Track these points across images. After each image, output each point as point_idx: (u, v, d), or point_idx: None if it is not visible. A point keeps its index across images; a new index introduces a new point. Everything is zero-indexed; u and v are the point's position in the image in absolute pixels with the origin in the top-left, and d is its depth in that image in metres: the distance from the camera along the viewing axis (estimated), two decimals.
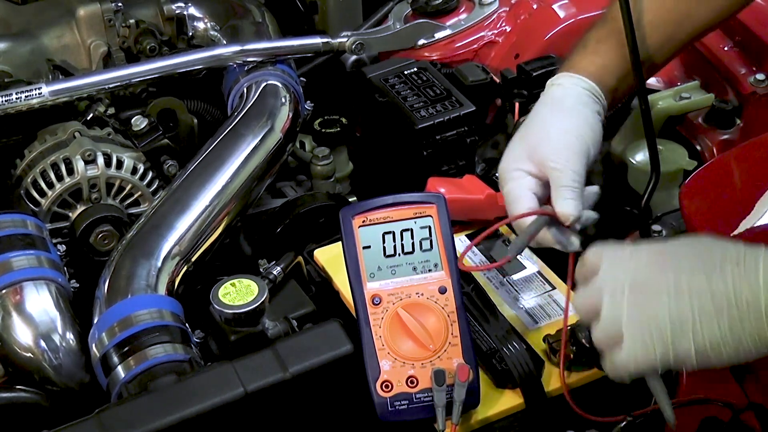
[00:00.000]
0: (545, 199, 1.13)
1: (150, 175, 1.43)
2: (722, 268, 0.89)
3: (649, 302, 0.91)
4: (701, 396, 1.06)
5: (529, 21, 1.66)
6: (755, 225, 1.07)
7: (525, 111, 1.50)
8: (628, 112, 1.45)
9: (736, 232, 1.08)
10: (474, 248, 1.27)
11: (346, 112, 1.64)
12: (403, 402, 1.04)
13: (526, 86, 1.52)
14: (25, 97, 1.43)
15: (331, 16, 1.77)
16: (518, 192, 1.13)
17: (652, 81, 1.53)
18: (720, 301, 0.88)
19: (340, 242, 1.10)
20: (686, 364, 0.91)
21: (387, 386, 1.04)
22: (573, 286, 1.04)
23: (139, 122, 1.47)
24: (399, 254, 1.10)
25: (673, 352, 0.90)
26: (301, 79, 1.58)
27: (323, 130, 1.60)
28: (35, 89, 1.43)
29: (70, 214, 1.40)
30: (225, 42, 1.61)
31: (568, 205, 1.09)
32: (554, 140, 1.13)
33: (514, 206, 1.12)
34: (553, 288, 1.21)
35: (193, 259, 1.27)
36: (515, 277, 1.23)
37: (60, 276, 1.23)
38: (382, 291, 1.08)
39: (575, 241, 1.09)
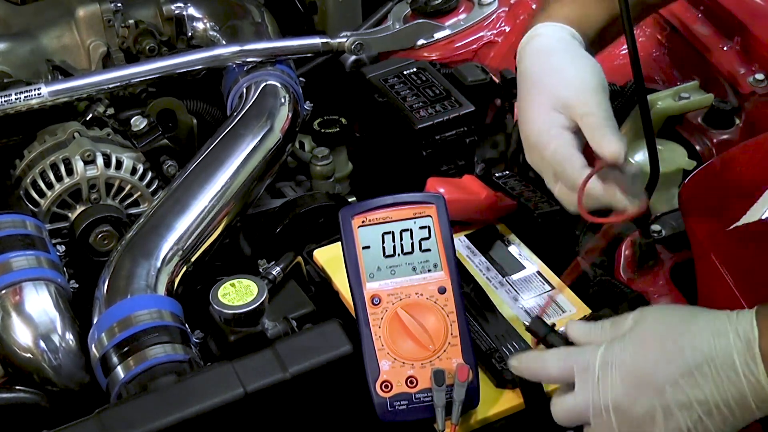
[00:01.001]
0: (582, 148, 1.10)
1: (149, 175, 1.43)
2: (700, 372, 0.90)
3: (642, 428, 0.93)
4: None
5: (529, 21, 1.66)
6: (763, 217, 1.08)
7: None
8: (627, 112, 1.45)
9: (739, 223, 1.08)
10: (474, 248, 1.28)
11: (345, 112, 1.64)
12: (402, 402, 1.04)
13: None
14: (25, 97, 1.43)
15: (331, 16, 1.77)
16: (566, 151, 1.07)
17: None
18: (708, 406, 0.90)
19: (339, 242, 1.10)
20: None
21: (386, 386, 1.04)
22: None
23: (138, 122, 1.47)
24: (398, 254, 1.10)
25: None
26: (301, 79, 1.58)
27: (323, 131, 1.60)
28: (34, 90, 1.43)
29: (70, 215, 1.40)
30: (224, 42, 1.61)
31: (612, 143, 1.04)
32: (574, 84, 1.08)
33: (566, 168, 1.07)
34: (553, 288, 1.21)
35: (193, 260, 1.27)
36: (515, 277, 1.23)
37: (59, 276, 1.23)
38: (381, 291, 1.08)
39: (638, 187, 1.07)
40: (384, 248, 1.10)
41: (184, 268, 1.25)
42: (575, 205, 1.07)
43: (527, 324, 1.07)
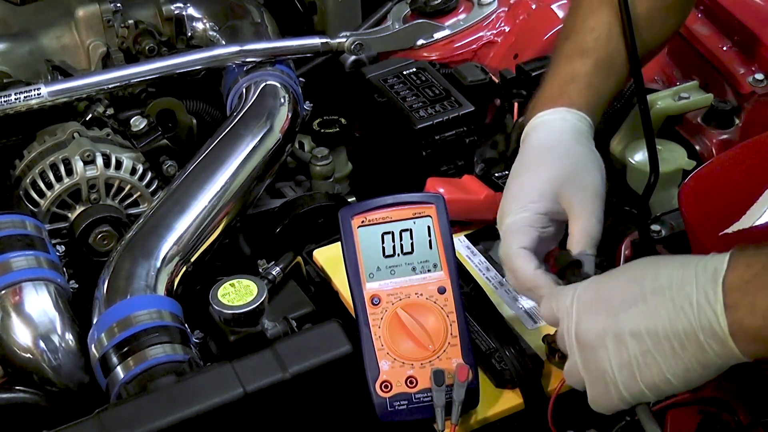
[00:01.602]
0: (546, 233, 1.10)
1: (149, 175, 1.43)
2: (654, 299, 0.89)
3: (595, 354, 0.93)
4: (697, 396, 1.06)
5: (528, 21, 1.66)
6: (755, 224, 1.08)
7: (524, 111, 1.50)
8: (627, 112, 1.45)
9: (731, 230, 1.08)
10: (473, 248, 1.28)
11: (345, 112, 1.64)
12: (402, 402, 1.04)
13: (525, 86, 1.52)
14: (24, 97, 1.43)
15: (330, 16, 1.77)
16: (520, 227, 1.08)
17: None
18: (657, 338, 0.88)
19: (339, 242, 1.10)
20: (644, 399, 0.93)
21: (386, 386, 1.04)
22: None
23: (138, 123, 1.47)
24: (398, 254, 1.10)
25: (628, 394, 0.92)
26: (300, 79, 1.58)
27: (322, 131, 1.60)
28: (34, 90, 1.43)
29: (69, 215, 1.40)
30: (224, 42, 1.61)
31: (590, 262, 1.08)
32: (588, 184, 1.10)
33: (508, 239, 1.09)
34: None
35: (193, 260, 1.27)
36: None
37: (59, 276, 1.23)
38: (381, 291, 1.08)
39: None
40: (384, 248, 1.10)
41: (184, 268, 1.25)
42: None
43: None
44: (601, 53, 1.17)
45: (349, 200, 1.53)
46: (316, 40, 1.59)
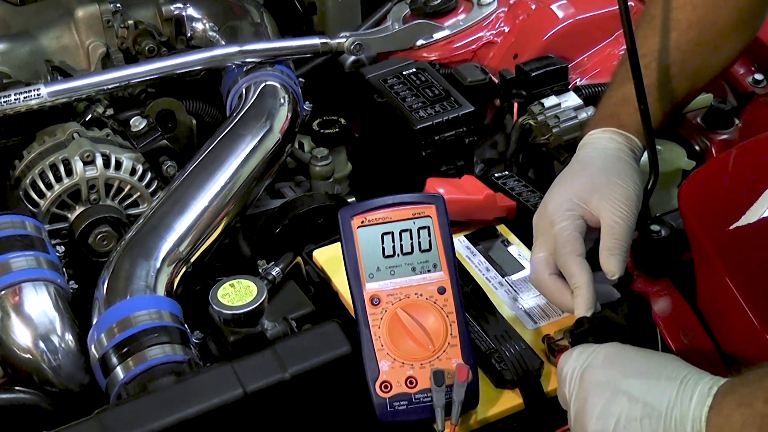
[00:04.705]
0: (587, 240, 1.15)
1: (149, 175, 1.43)
2: (667, 383, 0.94)
3: (588, 396, 0.97)
4: None
5: (528, 21, 1.66)
6: (762, 217, 1.08)
7: (524, 111, 1.51)
8: None
9: (739, 223, 1.08)
10: (473, 248, 1.27)
11: (344, 112, 1.64)
12: (402, 402, 1.04)
13: (524, 86, 1.52)
14: (24, 98, 1.43)
15: (330, 16, 1.77)
16: (571, 233, 1.13)
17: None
18: (650, 411, 0.93)
19: (339, 243, 1.10)
20: None
21: (386, 387, 1.04)
22: None
23: (137, 123, 1.47)
24: (398, 255, 1.10)
25: None
26: (300, 79, 1.58)
27: (322, 131, 1.60)
28: (34, 90, 1.43)
29: (69, 215, 1.40)
30: (224, 43, 1.61)
31: (617, 262, 1.11)
32: (618, 193, 1.15)
33: (566, 248, 1.12)
34: None
35: (192, 260, 1.27)
36: (514, 277, 1.23)
37: (59, 277, 1.23)
38: (381, 291, 1.08)
39: (614, 291, 1.16)
40: (383, 248, 1.10)
41: (184, 269, 1.25)
42: (534, 277, 1.15)
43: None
44: (650, 79, 1.22)
45: (349, 200, 1.53)
46: (315, 41, 1.59)
